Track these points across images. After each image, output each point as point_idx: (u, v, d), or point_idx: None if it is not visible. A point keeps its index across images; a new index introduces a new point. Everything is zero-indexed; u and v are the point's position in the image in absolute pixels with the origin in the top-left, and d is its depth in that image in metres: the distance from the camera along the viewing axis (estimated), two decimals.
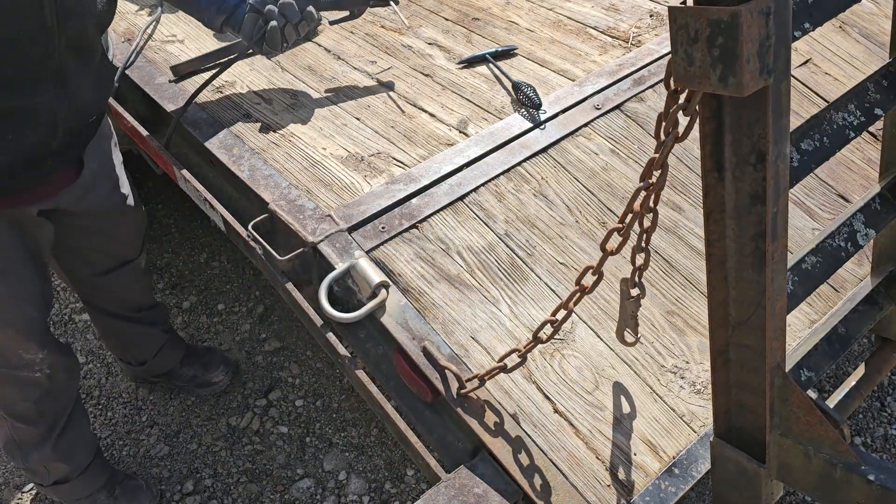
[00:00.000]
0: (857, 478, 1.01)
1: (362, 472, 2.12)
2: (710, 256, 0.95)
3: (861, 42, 2.14)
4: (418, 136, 1.77)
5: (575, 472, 1.26)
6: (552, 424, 1.31)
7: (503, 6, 2.28)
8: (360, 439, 2.19)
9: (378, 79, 1.97)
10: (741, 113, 0.80)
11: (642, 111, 1.83)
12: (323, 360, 2.41)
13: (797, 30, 0.89)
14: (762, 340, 0.95)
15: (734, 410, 1.08)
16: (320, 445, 2.19)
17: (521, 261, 1.52)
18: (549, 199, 1.63)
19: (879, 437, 2.12)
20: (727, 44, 0.69)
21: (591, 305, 1.47)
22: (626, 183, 1.69)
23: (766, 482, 1.10)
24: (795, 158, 1.02)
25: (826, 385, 2.23)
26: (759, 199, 0.84)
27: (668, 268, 1.56)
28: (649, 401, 1.37)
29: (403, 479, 2.10)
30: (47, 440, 1.78)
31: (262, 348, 2.46)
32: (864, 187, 1.78)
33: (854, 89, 1.12)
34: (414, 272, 1.46)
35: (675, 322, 1.48)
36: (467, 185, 1.61)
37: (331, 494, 2.07)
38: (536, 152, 1.69)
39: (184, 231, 2.90)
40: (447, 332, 1.39)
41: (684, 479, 1.28)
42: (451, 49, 2.09)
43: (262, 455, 2.17)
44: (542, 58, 2.02)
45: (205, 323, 2.56)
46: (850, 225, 1.19)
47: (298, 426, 2.24)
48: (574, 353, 1.40)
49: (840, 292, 1.59)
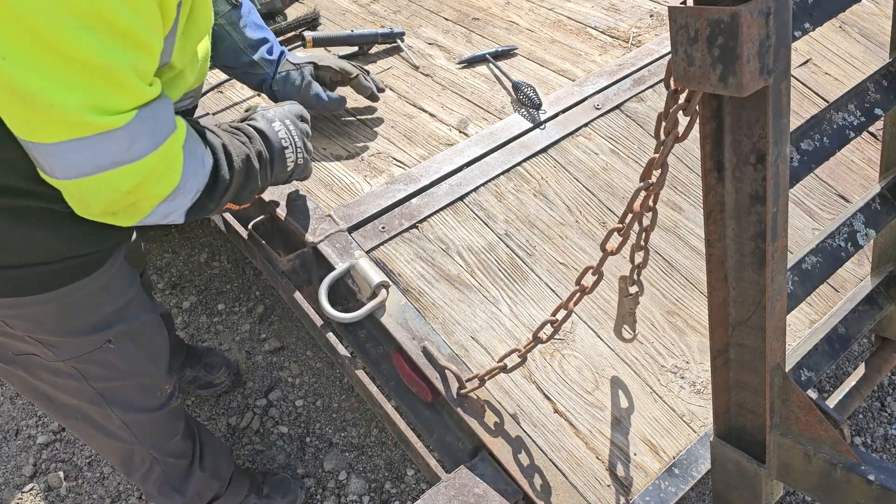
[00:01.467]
0: (857, 478, 1.01)
1: (362, 472, 2.12)
2: (710, 256, 0.95)
3: (861, 42, 2.14)
4: (418, 136, 1.77)
5: (575, 471, 1.26)
6: (552, 424, 1.31)
7: (503, 6, 2.28)
8: (360, 439, 2.19)
9: (378, 78, 1.97)
10: (741, 113, 0.80)
11: (642, 111, 1.83)
12: (323, 360, 2.41)
13: (797, 30, 0.89)
14: (762, 340, 0.95)
15: (734, 410, 1.08)
16: (320, 445, 2.19)
17: (521, 261, 1.52)
18: (549, 199, 1.63)
19: (879, 437, 2.12)
20: (727, 44, 0.69)
21: (591, 305, 1.47)
22: (626, 183, 1.69)
23: (766, 482, 1.10)
24: (795, 158, 1.02)
25: (826, 385, 2.23)
26: (759, 199, 0.84)
27: (668, 268, 1.56)
28: (649, 401, 1.37)
29: (403, 479, 2.10)
30: (194, 464, 1.71)
31: (262, 348, 2.46)
32: (864, 187, 1.78)
33: (854, 89, 1.12)
34: (414, 272, 1.46)
35: (675, 322, 1.48)
36: (467, 185, 1.61)
37: (331, 494, 2.07)
38: (536, 152, 1.69)
39: (184, 231, 2.90)
40: (447, 332, 1.39)
41: (684, 479, 1.28)
42: (451, 49, 2.09)
43: (262, 455, 2.17)
44: (542, 58, 2.02)
45: (205, 323, 2.56)
46: (850, 225, 1.19)
47: (298, 426, 2.24)
48: (574, 353, 1.40)
49: (840, 292, 1.59)
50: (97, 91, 0.92)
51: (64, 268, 1.16)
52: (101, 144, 0.96)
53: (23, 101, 0.88)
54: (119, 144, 0.97)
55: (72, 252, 1.15)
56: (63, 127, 0.92)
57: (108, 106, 0.94)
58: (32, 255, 1.12)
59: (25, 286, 1.15)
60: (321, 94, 1.70)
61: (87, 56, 0.88)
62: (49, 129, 0.92)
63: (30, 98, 0.88)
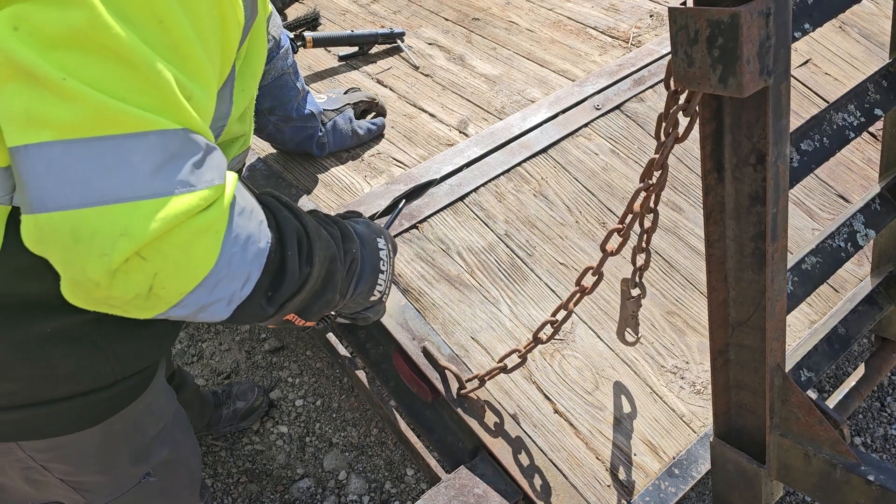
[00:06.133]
0: (857, 478, 1.01)
1: (362, 472, 2.12)
2: (710, 257, 0.95)
3: (861, 42, 2.14)
4: (418, 136, 1.77)
5: (575, 472, 1.26)
6: (552, 425, 1.31)
7: (503, 6, 2.28)
8: (359, 439, 2.19)
9: (378, 79, 1.97)
10: (741, 113, 0.80)
11: (642, 111, 1.83)
12: (323, 360, 2.41)
13: (797, 30, 0.89)
14: (762, 341, 0.95)
15: (734, 411, 1.08)
16: (320, 445, 2.19)
17: (521, 261, 1.52)
18: (549, 200, 1.63)
19: (879, 438, 2.12)
20: (727, 44, 0.69)
21: (591, 306, 1.47)
22: (626, 183, 1.69)
23: (765, 482, 1.10)
24: (795, 159, 1.02)
25: (826, 385, 2.23)
26: (758, 200, 0.84)
27: (668, 268, 1.56)
28: (649, 401, 1.37)
29: (403, 479, 2.10)
30: None
31: (262, 348, 2.46)
32: (864, 188, 1.78)
33: (854, 90, 1.12)
34: (414, 272, 1.46)
35: (675, 322, 1.48)
36: (467, 186, 1.61)
37: (331, 494, 2.07)
38: (536, 152, 1.69)
39: None
40: (447, 332, 1.39)
41: (684, 479, 1.28)
42: (451, 49, 2.09)
43: (261, 455, 2.17)
44: (542, 58, 2.02)
45: (205, 323, 2.56)
46: (850, 225, 1.19)
47: (298, 426, 2.24)
48: (574, 354, 1.40)
49: (840, 292, 1.59)
50: (126, 78, 0.68)
51: (118, 392, 0.97)
52: (114, 152, 0.68)
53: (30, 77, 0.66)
54: (142, 159, 0.69)
55: (125, 372, 0.96)
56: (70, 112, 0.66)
57: (134, 98, 0.69)
58: (87, 382, 0.93)
59: (74, 421, 0.96)
60: (369, 127, 1.72)
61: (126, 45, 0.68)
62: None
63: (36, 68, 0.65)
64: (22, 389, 0.89)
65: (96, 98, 0.67)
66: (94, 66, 0.67)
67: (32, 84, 0.66)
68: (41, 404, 0.91)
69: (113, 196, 0.68)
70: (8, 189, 0.78)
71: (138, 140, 0.69)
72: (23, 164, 0.68)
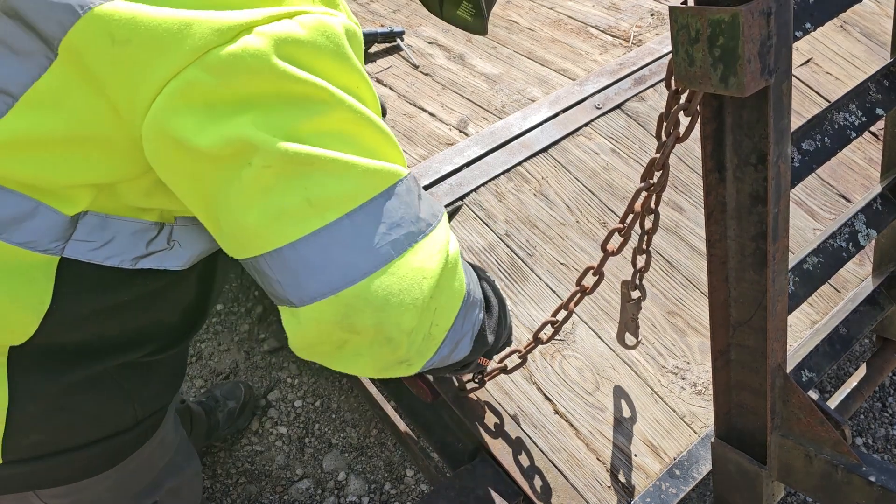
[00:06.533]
0: (859, 479, 1.00)
1: (362, 473, 2.11)
2: (712, 257, 0.94)
3: (862, 41, 2.14)
4: (418, 136, 1.77)
5: (575, 473, 1.26)
6: (552, 425, 1.30)
7: (503, 5, 2.27)
8: (359, 440, 2.19)
9: (378, 78, 1.97)
10: (742, 113, 0.79)
11: (643, 111, 1.82)
12: None
13: (798, 30, 0.88)
14: (763, 341, 0.95)
15: (735, 411, 1.08)
16: (319, 446, 2.19)
17: (522, 261, 1.51)
18: (550, 199, 1.62)
19: (881, 438, 2.12)
20: (728, 44, 0.69)
21: (591, 306, 1.47)
22: (627, 183, 1.68)
23: (766, 483, 1.09)
24: (797, 158, 1.01)
25: (827, 386, 2.22)
26: (760, 200, 0.83)
27: (669, 268, 1.55)
28: (650, 402, 1.36)
29: (403, 480, 2.09)
30: None
31: (261, 348, 2.46)
32: (866, 187, 1.78)
33: (855, 89, 1.11)
34: None
35: (676, 322, 1.48)
36: (467, 185, 1.60)
37: (330, 495, 2.07)
38: (537, 152, 1.69)
39: None
40: None
41: (685, 480, 1.27)
42: (451, 48, 2.08)
43: (261, 456, 2.17)
44: (543, 57, 2.02)
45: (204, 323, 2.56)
46: (852, 225, 1.19)
47: (297, 426, 2.24)
48: (574, 354, 1.40)
49: (841, 293, 1.58)
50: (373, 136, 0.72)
51: (138, 433, 0.97)
52: (381, 209, 0.69)
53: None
54: (404, 205, 0.71)
55: (146, 413, 0.96)
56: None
57: (385, 153, 0.72)
58: (110, 426, 0.92)
59: (94, 466, 0.95)
60: None
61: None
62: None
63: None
64: (48, 440, 0.88)
65: (366, 164, 0.69)
66: (341, 142, 0.69)
67: (307, 173, 0.67)
68: (64, 452, 0.90)
69: (399, 248, 0.70)
70: (63, 238, 0.76)
71: (397, 189, 0.72)
72: (306, 252, 0.68)
